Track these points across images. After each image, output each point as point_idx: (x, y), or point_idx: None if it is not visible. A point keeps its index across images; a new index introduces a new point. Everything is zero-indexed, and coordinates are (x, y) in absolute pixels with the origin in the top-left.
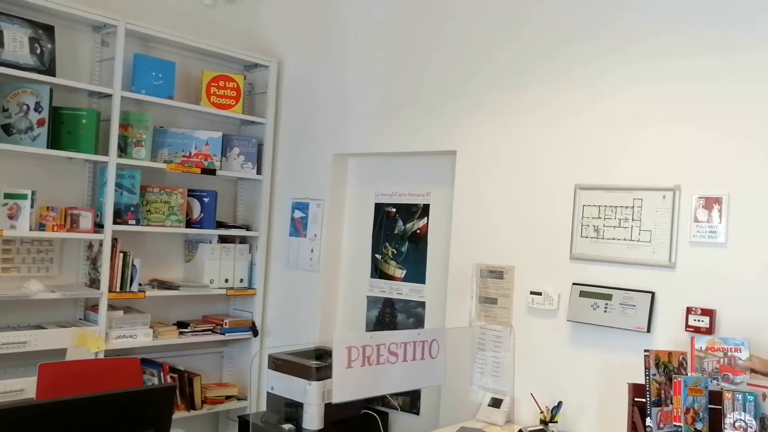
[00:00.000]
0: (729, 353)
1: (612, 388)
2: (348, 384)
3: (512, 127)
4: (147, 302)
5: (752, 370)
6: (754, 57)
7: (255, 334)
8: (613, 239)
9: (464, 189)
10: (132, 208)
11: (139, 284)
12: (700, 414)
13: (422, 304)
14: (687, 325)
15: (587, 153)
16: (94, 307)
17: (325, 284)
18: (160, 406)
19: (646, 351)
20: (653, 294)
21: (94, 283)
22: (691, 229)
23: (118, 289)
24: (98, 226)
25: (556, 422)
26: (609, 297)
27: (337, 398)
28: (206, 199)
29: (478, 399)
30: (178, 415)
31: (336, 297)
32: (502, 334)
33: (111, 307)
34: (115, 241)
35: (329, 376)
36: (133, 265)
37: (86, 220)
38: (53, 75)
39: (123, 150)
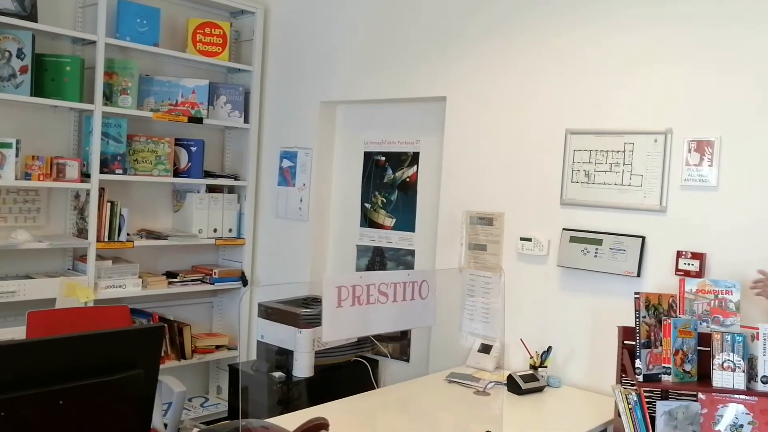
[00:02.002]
0: (720, 295)
1: (602, 333)
2: (338, 323)
3: (503, 73)
4: (135, 252)
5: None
6: (747, 1)
7: (245, 283)
8: (604, 184)
9: (454, 135)
10: (119, 158)
11: (128, 234)
12: (689, 355)
13: (412, 252)
14: (677, 269)
15: (578, 97)
16: (83, 257)
17: (315, 234)
18: (149, 347)
19: (636, 294)
20: (643, 238)
21: (81, 233)
22: (683, 172)
23: (106, 239)
24: (85, 176)
25: (546, 367)
26: (599, 242)
27: (327, 337)
28: (193, 149)
29: (468, 345)
30: (169, 364)
31: (325, 246)
32: (491, 279)
33: (99, 257)
34: (102, 190)
35: (319, 324)
36: (120, 214)
37: (72, 170)
38: (35, 21)
39: (108, 98)
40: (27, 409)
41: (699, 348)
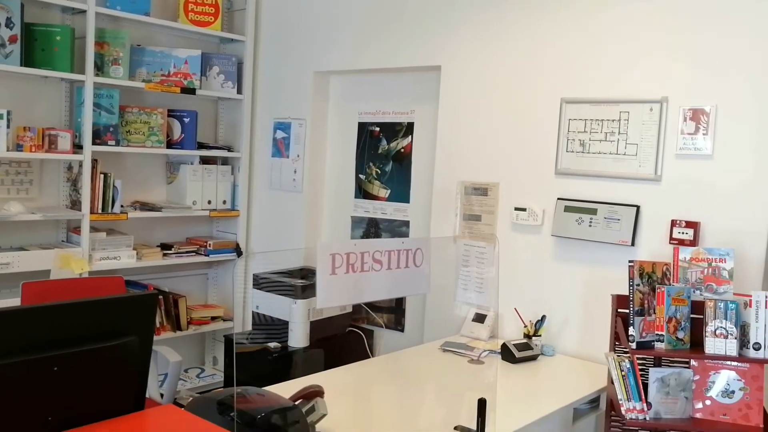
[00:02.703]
0: (713, 263)
1: (595, 302)
2: (332, 290)
3: (498, 41)
4: (130, 224)
5: None
6: None
7: (239, 255)
8: (599, 153)
9: (449, 105)
10: (111, 129)
11: (121, 206)
12: (682, 323)
13: (406, 223)
14: (671, 238)
15: (574, 66)
16: (76, 229)
17: (309, 205)
18: (143, 314)
19: (630, 262)
20: (638, 207)
21: (75, 204)
22: (678, 141)
23: (99, 211)
24: (77, 147)
25: (540, 336)
26: (594, 211)
27: (321, 304)
28: (186, 120)
29: (462, 315)
30: (165, 335)
31: (320, 218)
32: (485, 249)
33: (93, 228)
34: (95, 162)
35: (314, 295)
36: (114, 186)
37: (65, 141)
38: None
39: (100, 69)
40: (22, 375)
41: (692, 316)
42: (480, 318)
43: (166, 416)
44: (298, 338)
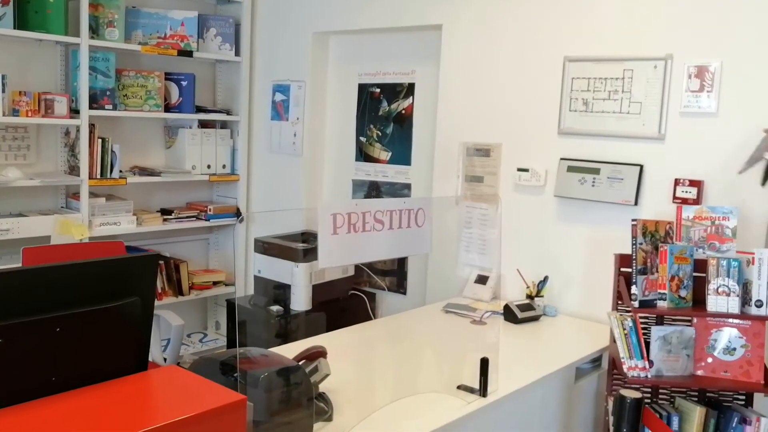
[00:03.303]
0: (717, 222)
1: (598, 262)
2: (333, 250)
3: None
4: (129, 189)
5: None
6: None
7: (240, 220)
8: (603, 112)
9: (450, 65)
10: (108, 93)
11: (120, 171)
12: (685, 281)
13: (408, 186)
14: (674, 197)
15: (577, 24)
16: (75, 195)
17: (309, 169)
18: (144, 275)
19: (633, 220)
20: (641, 167)
21: (73, 170)
22: (682, 99)
23: (98, 176)
24: (74, 112)
25: (542, 296)
26: (597, 171)
27: (322, 264)
28: (184, 83)
29: (464, 276)
30: (167, 300)
31: (320, 181)
32: (488, 211)
33: (92, 194)
34: (92, 126)
35: (316, 258)
36: (112, 151)
37: (61, 106)
38: None
39: (95, 31)
40: (24, 336)
41: (695, 274)
42: (482, 279)
43: (169, 376)
44: (301, 302)
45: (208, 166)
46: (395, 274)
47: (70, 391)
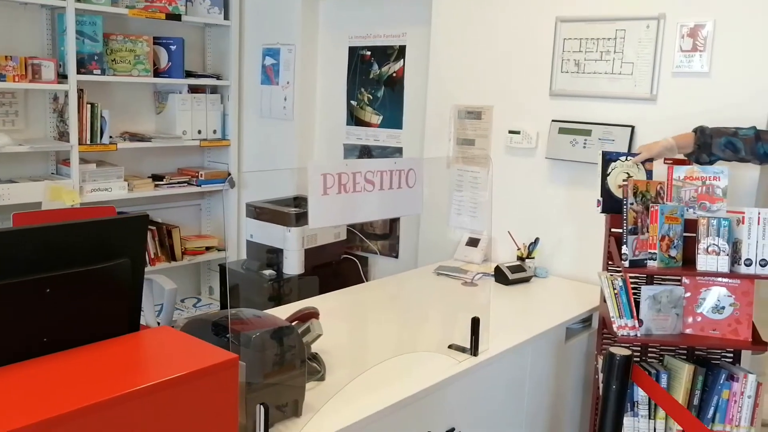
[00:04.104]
0: (707, 182)
1: (589, 224)
2: (324, 211)
3: None
4: (119, 155)
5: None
6: None
7: (231, 185)
8: (594, 73)
9: (442, 27)
10: (96, 57)
11: (110, 137)
12: (675, 241)
13: (399, 150)
14: (666, 158)
15: None
16: (66, 161)
17: (300, 133)
18: (134, 235)
19: (624, 180)
20: (633, 128)
21: (63, 136)
22: (675, 59)
23: (88, 142)
24: (62, 77)
25: (533, 258)
26: (588, 133)
27: (313, 224)
28: (173, 47)
29: (456, 239)
30: (160, 266)
31: (312, 146)
32: (479, 174)
33: (83, 160)
34: (80, 92)
35: (308, 222)
36: (102, 116)
37: (48, 71)
38: None
39: None
40: (14, 297)
41: (685, 234)
42: (473, 242)
43: (161, 336)
44: (293, 266)
45: (199, 132)
46: (387, 237)
47: (62, 352)
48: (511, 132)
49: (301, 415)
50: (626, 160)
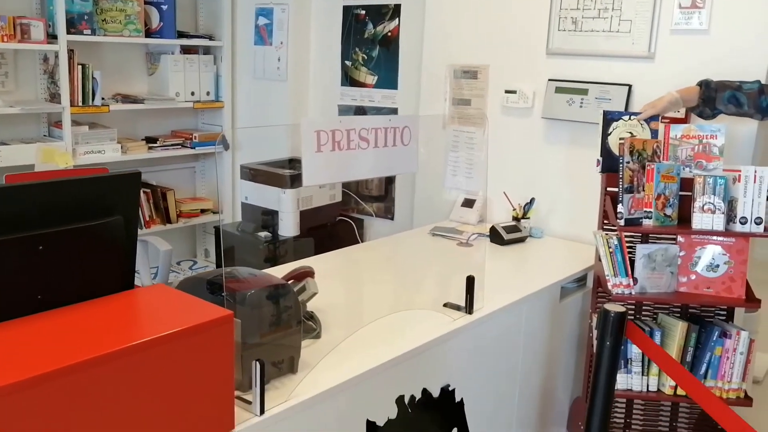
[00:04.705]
0: (704, 140)
1: (585, 184)
2: (318, 168)
3: None
4: (112, 117)
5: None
6: None
7: (226, 147)
8: (592, 31)
9: None
10: (86, 17)
11: (102, 98)
12: (671, 200)
13: (395, 110)
14: (663, 116)
15: None
16: (58, 123)
17: (294, 94)
18: (127, 193)
19: (621, 139)
20: (630, 86)
21: (54, 97)
22: (673, 16)
23: (80, 104)
24: (51, 37)
25: (529, 218)
26: (585, 92)
27: (307, 182)
28: (164, 7)
29: (451, 200)
30: (155, 228)
31: (306, 107)
32: (474, 134)
33: (75, 122)
34: (71, 52)
35: (303, 184)
36: (93, 78)
37: (38, 30)
38: None
39: None
40: (6, 254)
41: (681, 193)
42: (469, 203)
43: (156, 294)
44: (288, 227)
45: (192, 93)
46: (382, 199)
47: (57, 309)
48: (507, 92)
49: (297, 372)
50: (630, 119)
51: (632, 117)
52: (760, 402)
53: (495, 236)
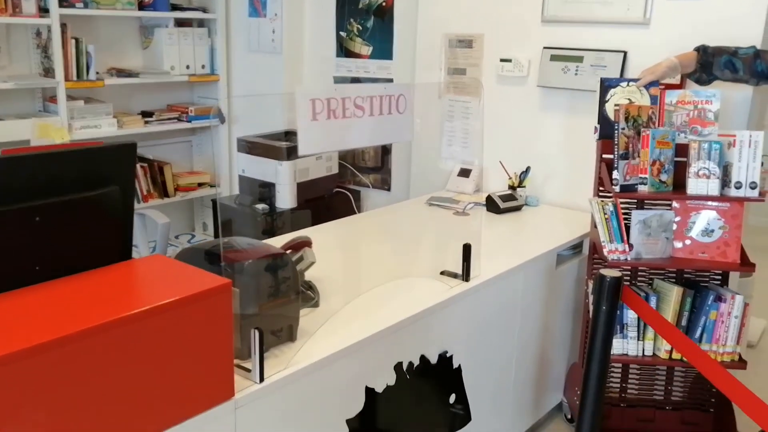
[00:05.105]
0: (699, 106)
1: (580, 151)
2: (313, 137)
3: None
4: (107, 92)
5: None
6: None
7: (222, 120)
8: None
9: None
10: None
11: (97, 73)
12: (666, 166)
13: (390, 81)
14: (659, 82)
15: None
16: (53, 98)
17: (290, 66)
18: (123, 163)
19: (616, 105)
20: (625, 53)
21: (48, 72)
22: None
23: (74, 78)
24: (43, 11)
25: (524, 187)
26: (580, 59)
27: (303, 151)
28: None
29: (448, 170)
30: (153, 203)
31: (301, 79)
32: (470, 104)
33: (70, 97)
34: (64, 26)
35: (300, 156)
36: (87, 52)
37: (29, 4)
38: None
39: None
40: (3, 225)
41: (676, 159)
42: (465, 173)
43: (154, 264)
44: (285, 199)
45: (187, 67)
46: (379, 171)
47: (55, 280)
48: (502, 60)
49: (296, 340)
50: (628, 85)
51: (630, 83)
52: (754, 365)
53: (491, 205)
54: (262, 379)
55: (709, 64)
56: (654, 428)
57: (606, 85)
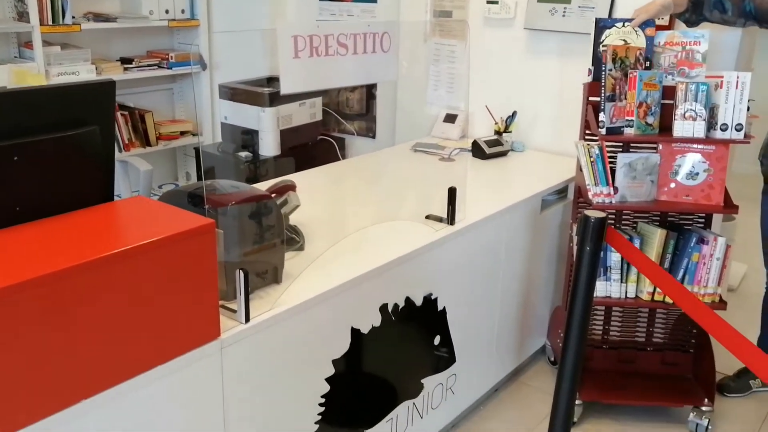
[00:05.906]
0: (687, 47)
1: (567, 96)
2: (296, 75)
3: None
4: (85, 37)
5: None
6: None
7: (203, 67)
8: None
9: None
10: None
11: (73, 17)
12: (653, 108)
13: None
14: (654, 22)
15: None
16: (28, 44)
17: (272, 11)
18: (102, 103)
19: (603, 46)
20: None
21: (22, 16)
22: None
23: (50, 23)
24: None
25: (511, 132)
26: (568, 1)
27: (285, 89)
28: None
29: (433, 115)
30: (135, 151)
31: (284, 21)
32: (456, 48)
33: (46, 42)
34: None
35: (283, 102)
36: None
37: None
38: None
39: None
40: None
41: (663, 102)
42: (451, 118)
43: (136, 205)
44: (269, 147)
45: (166, 12)
46: (363, 117)
47: (36, 221)
48: (489, 2)
49: (281, 282)
50: (623, 26)
51: (625, 24)
52: (733, 309)
53: (477, 150)
54: (247, 320)
55: (701, 4)
56: (635, 369)
57: (601, 26)
